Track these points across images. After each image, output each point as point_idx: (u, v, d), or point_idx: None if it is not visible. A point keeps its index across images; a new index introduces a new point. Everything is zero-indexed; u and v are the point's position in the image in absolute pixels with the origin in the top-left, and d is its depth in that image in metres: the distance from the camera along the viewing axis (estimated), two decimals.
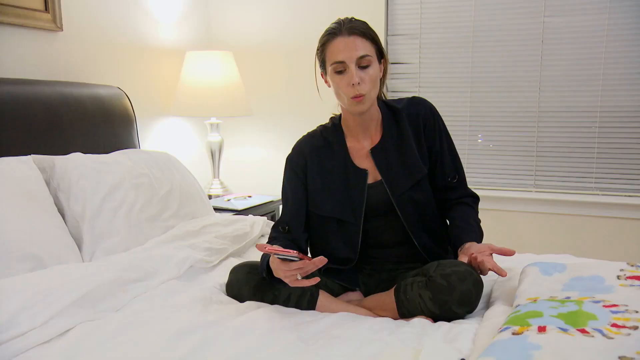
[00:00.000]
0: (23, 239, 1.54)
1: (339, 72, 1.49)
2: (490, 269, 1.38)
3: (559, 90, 2.63)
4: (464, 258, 1.46)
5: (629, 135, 2.55)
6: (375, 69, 1.50)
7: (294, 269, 1.33)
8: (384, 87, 1.66)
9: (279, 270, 1.36)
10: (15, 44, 2.04)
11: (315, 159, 1.63)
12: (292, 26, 2.98)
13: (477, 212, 1.65)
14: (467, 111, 2.80)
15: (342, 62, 1.47)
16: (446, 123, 1.68)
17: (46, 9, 2.12)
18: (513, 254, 1.42)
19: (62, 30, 2.20)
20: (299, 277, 1.35)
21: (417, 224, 1.58)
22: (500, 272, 1.38)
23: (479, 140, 2.81)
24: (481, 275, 1.42)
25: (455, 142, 1.70)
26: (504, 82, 2.72)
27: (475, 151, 2.82)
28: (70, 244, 1.69)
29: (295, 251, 1.30)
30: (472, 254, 1.44)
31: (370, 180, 1.59)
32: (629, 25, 2.47)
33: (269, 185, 3.00)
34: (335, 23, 1.52)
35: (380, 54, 1.54)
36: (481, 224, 1.61)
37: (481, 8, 2.69)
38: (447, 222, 1.64)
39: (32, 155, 1.83)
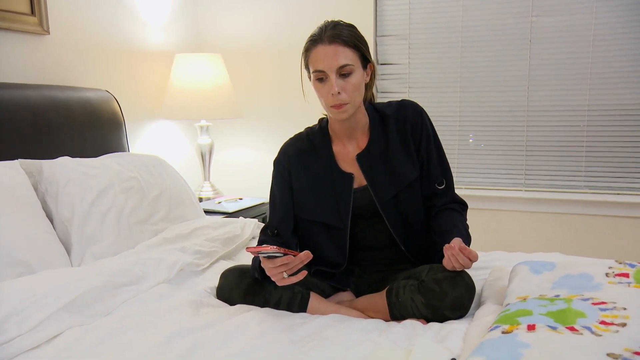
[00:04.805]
0: (11, 245, 1.52)
1: (320, 80, 1.48)
2: (469, 257, 1.36)
3: (548, 89, 2.65)
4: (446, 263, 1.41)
5: (617, 134, 2.57)
6: (357, 76, 1.48)
7: (279, 265, 1.33)
8: (373, 89, 1.65)
9: (265, 267, 1.36)
10: (2, 48, 2.02)
11: (300, 162, 1.62)
12: (281, 28, 2.98)
13: (465, 219, 1.60)
14: (456, 111, 2.81)
15: (322, 71, 1.46)
16: (436, 123, 1.67)
17: (32, 13, 2.10)
18: (475, 260, 1.38)
19: (49, 33, 2.18)
20: (285, 276, 1.35)
21: (404, 229, 1.58)
22: (470, 255, 1.36)
23: (470, 140, 2.82)
24: (473, 279, 1.42)
25: (444, 142, 1.69)
26: (492, 82, 2.73)
27: (465, 151, 2.83)
28: (58, 249, 1.67)
29: (275, 247, 1.30)
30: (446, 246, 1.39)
31: (355, 185, 1.58)
32: (616, 24, 2.49)
33: (259, 187, 2.99)
34: (319, 28, 1.49)
35: (365, 60, 1.52)
36: (472, 223, 1.60)
37: (469, 8, 2.71)
38: (433, 229, 1.57)
39: (19, 159, 1.81)
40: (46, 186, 1.79)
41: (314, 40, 1.48)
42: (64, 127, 2.05)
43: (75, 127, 2.10)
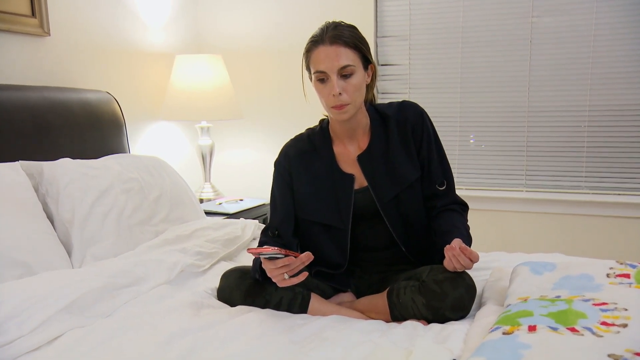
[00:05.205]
0: (11, 246, 1.53)
1: (321, 81, 1.49)
2: (469, 258, 1.36)
3: (548, 89, 2.64)
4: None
5: (617, 134, 2.57)
6: (358, 77, 1.48)
7: (280, 266, 1.33)
8: (374, 91, 1.65)
9: (266, 269, 1.36)
10: (2, 49, 2.02)
11: (301, 163, 1.62)
12: (282, 29, 2.98)
13: (465, 220, 1.60)
14: (457, 112, 2.81)
15: (323, 72, 1.47)
16: (436, 124, 1.66)
17: (33, 14, 2.10)
18: (475, 260, 1.38)
19: (50, 35, 2.18)
20: (287, 277, 1.35)
21: (404, 229, 1.58)
22: (471, 256, 1.36)
23: (471, 141, 2.82)
24: (473, 279, 1.42)
25: (445, 143, 1.68)
26: (493, 83, 2.73)
27: (466, 152, 2.83)
28: (59, 250, 1.67)
29: (277, 247, 1.30)
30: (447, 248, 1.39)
31: (356, 186, 1.58)
32: (616, 24, 2.49)
33: (260, 188, 2.99)
34: (320, 29, 1.49)
35: (366, 61, 1.52)
36: (473, 224, 1.60)
37: (470, 9, 2.71)
38: (434, 229, 1.57)
39: (20, 161, 1.81)
40: (47, 187, 1.79)
41: (315, 41, 1.48)
42: (64, 128, 2.05)
43: (76, 129, 2.10)
